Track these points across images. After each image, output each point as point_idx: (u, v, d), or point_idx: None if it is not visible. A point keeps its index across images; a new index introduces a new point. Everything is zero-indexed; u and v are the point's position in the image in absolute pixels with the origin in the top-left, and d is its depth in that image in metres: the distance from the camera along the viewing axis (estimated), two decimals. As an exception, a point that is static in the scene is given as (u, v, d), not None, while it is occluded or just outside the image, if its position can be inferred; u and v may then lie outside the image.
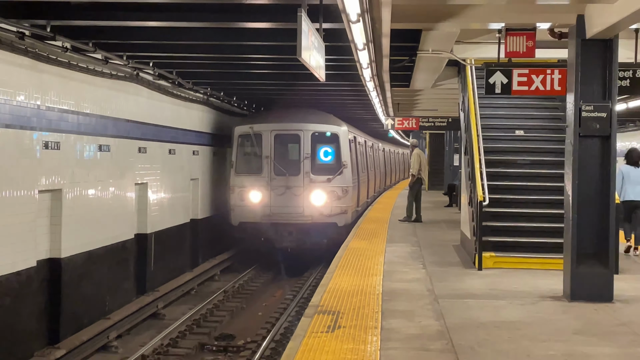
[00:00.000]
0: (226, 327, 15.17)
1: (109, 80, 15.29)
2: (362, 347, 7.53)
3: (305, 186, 20.76)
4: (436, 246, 16.02)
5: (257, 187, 20.80)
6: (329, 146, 21.40)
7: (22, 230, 11.87)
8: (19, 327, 11.87)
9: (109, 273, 15.27)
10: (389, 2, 8.23)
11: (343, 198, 20.85)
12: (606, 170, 10.22)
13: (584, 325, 8.75)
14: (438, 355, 7.39)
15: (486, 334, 8.25)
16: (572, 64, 10.29)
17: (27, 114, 11.99)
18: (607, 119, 10.07)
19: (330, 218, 20.55)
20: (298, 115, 22.14)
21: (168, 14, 11.37)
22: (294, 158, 21.37)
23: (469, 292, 10.81)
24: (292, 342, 7.81)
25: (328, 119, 22.56)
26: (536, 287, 11.14)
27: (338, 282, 11.22)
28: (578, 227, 10.14)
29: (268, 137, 21.05)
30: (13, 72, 11.52)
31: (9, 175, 11.42)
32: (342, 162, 21.28)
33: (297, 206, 20.76)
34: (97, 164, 14.77)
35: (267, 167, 20.91)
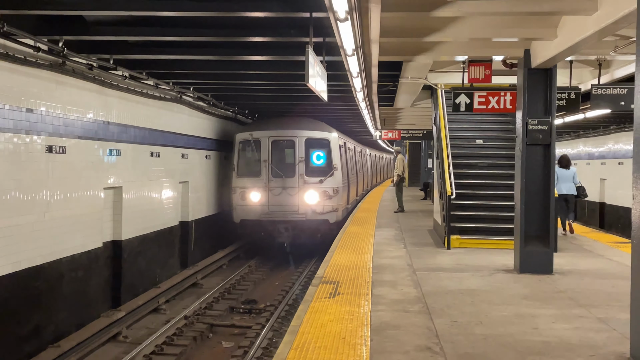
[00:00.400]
0: (250, 294, 15.17)
1: (159, 101, 15.37)
2: (356, 310, 7.58)
3: (300, 187, 18.75)
4: (414, 231, 16.02)
5: (256, 188, 18.86)
6: (321, 151, 19.23)
7: (92, 219, 11.96)
8: (90, 294, 11.95)
9: (159, 252, 15.33)
10: (377, 40, 8.27)
11: (334, 197, 18.74)
12: (547, 171, 10.25)
13: (530, 292, 8.78)
14: (416, 315, 7.43)
15: (453, 299, 8.30)
16: (521, 88, 10.32)
17: (95, 128, 12.05)
18: (547, 131, 10.09)
19: (323, 215, 18.60)
20: (293, 123, 20.05)
21: (205, 49, 11.43)
22: (290, 162, 19.36)
23: (440, 266, 10.83)
24: (302, 305, 7.86)
25: (320, 127, 20.22)
26: (492, 262, 11.17)
27: (337, 259, 11.26)
28: (525, 215, 10.17)
29: (266, 142, 19.08)
30: (84, 95, 11.60)
31: (82, 176, 11.50)
32: (333, 165, 19.15)
33: (292, 205, 18.82)
34: (149, 167, 14.81)
35: (265, 169, 18.95)
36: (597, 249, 13.07)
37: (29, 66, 9.75)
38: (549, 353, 6.06)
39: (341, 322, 6.97)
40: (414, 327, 6.89)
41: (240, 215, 19.21)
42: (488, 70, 11.72)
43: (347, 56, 8.40)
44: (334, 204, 18.95)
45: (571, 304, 8.06)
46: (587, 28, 7.86)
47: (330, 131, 20.01)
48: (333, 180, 19.16)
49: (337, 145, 19.77)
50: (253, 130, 19.63)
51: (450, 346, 6.24)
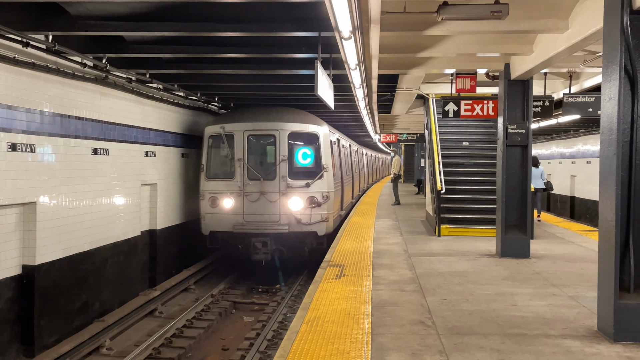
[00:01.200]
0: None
1: (189, 110, 15.40)
2: (359, 289, 7.58)
3: (282, 192, 13.34)
4: (409, 221, 16.00)
5: (228, 193, 13.40)
6: (307, 148, 13.68)
7: (132, 210, 12.00)
8: (129, 276, 11.98)
9: (189, 239, 15.13)
10: (377, 55, 8.27)
11: (323, 204, 13.35)
12: (524, 169, 10.23)
13: (510, 274, 8.76)
14: (411, 293, 7.43)
15: (443, 280, 8.28)
16: (502, 97, 10.29)
17: (134, 133, 12.08)
18: (525, 134, 10.07)
19: (309, 227, 13.29)
20: (273, 114, 14.17)
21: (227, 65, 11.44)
22: (270, 161, 13.79)
23: (431, 251, 10.82)
24: (312, 285, 7.85)
25: (306, 118, 14.36)
26: (477, 248, 11.14)
27: (343, 245, 11.26)
28: (505, 207, 10.15)
29: (241, 137, 13.50)
30: (124, 104, 11.63)
31: (123, 174, 11.54)
32: (322, 165, 13.58)
33: (272, 214, 13.35)
34: (179, 166, 14.83)
35: (239, 171, 13.46)
36: (568, 237, 13.03)
37: (77, 80, 9.81)
38: (526, 326, 6.04)
39: (346, 300, 6.98)
40: (409, 304, 6.88)
41: (210, 225, 13.67)
42: (473, 81, 11.75)
43: (350, 70, 8.40)
44: (324, 213, 13.55)
45: (546, 284, 8.03)
46: (560, 44, 7.84)
47: (319, 124, 14.32)
48: (322, 184, 13.60)
49: (328, 142, 14.19)
50: (225, 123, 13.93)
51: (441, 320, 6.23)
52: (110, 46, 9.92)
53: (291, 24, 8.11)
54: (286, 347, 5.30)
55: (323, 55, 8.68)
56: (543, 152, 34.87)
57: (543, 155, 34.63)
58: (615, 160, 5.49)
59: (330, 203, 13.81)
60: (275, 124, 13.84)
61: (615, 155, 5.48)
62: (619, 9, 5.42)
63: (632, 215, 5.49)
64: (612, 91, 5.56)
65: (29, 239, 8.86)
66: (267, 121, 13.94)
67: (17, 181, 8.35)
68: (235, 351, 9.37)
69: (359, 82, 9.75)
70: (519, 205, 10.18)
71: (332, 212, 14.07)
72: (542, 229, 14.23)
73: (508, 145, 10.11)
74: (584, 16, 7.04)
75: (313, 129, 14.01)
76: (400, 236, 12.82)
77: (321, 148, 13.91)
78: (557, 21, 7.55)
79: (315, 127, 14.08)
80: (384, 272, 8.70)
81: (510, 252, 10.08)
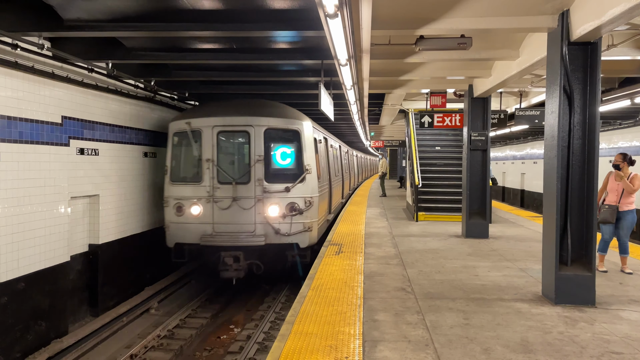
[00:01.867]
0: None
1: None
2: (354, 263, 7.58)
3: (257, 197, 9.16)
4: (393, 209, 15.96)
5: (196, 200, 9.27)
6: (287, 146, 9.64)
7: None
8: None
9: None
10: (367, 78, 8.25)
11: (306, 211, 9.28)
12: (484, 168, 10.19)
13: (473, 251, 8.75)
14: (395, 266, 7.43)
15: (420, 255, 8.28)
16: (467, 111, 10.25)
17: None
18: (485, 140, 10.04)
19: (290, 238, 9.25)
20: (247, 108, 9.86)
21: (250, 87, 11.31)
22: (244, 162, 9.48)
23: (410, 233, 10.79)
24: (317, 260, 7.84)
25: (286, 112, 10.02)
26: (447, 230, 11.12)
27: (341, 228, 11.25)
28: (469, 198, 10.13)
29: (210, 134, 9.38)
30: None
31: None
32: (304, 167, 9.50)
33: (246, 223, 9.20)
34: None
35: (208, 173, 9.34)
36: (519, 221, 12.99)
37: (131, 98, 9.80)
38: (485, 292, 6.04)
39: (344, 271, 6.98)
40: (393, 275, 6.88)
41: (175, 236, 9.41)
42: (444, 98, 11.71)
43: (347, 90, 8.38)
44: (307, 221, 9.36)
45: (501, 259, 8.02)
46: (512, 69, 7.81)
47: (300, 119, 9.89)
48: (305, 188, 9.42)
49: (312, 140, 9.90)
50: (191, 118, 9.63)
51: (418, 287, 6.24)
52: (157, 72, 9.89)
53: (300, 54, 8.11)
54: (296, 309, 5.31)
55: (325, 78, 8.68)
56: (499, 154, 34.76)
57: (499, 157, 34.50)
58: (556, 161, 5.49)
59: (314, 209, 9.40)
60: (250, 118, 9.35)
61: (556, 157, 5.48)
62: (559, 41, 5.42)
63: (569, 205, 5.49)
64: (553, 106, 5.55)
65: (93, 224, 8.82)
66: (240, 115, 9.40)
67: (85, 178, 8.34)
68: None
69: (353, 99, 9.73)
70: (480, 197, 10.16)
71: (317, 219, 9.59)
72: (497, 215, 14.20)
73: (471, 149, 10.08)
74: (531, 47, 7.02)
75: (293, 124, 9.52)
76: (386, 221, 12.79)
77: (303, 146, 9.45)
78: (510, 51, 7.53)
79: (297, 122, 9.55)
80: (374, 250, 8.70)
81: (473, 233, 10.07)
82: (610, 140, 18.07)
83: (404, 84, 10.70)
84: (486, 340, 4.49)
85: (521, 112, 11.89)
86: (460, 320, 5.02)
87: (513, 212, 15.36)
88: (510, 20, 5.73)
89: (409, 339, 4.50)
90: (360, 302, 5.52)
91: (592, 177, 5.45)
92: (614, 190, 7.07)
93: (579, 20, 5.21)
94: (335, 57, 5.99)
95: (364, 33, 5.46)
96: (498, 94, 12.99)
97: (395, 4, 5.69)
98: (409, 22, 5.88)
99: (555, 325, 4.90)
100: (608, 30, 5.07)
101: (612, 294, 5.99)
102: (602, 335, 4.64)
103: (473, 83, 9.95)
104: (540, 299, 5.76)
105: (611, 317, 5.13)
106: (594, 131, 5.41)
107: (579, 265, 5.54)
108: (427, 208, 13.16)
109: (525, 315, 5.17)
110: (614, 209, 6.97)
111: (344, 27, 4.67)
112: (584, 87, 5.42)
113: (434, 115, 12.03)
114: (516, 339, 4.53)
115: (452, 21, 5.81)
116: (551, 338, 4.55)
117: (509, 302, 5.62)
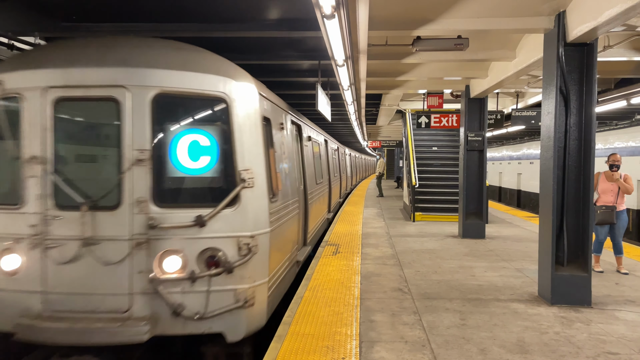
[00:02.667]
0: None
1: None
2: (351, 263, 7.58)
3: (136, 239, 3.69)
4: (390, 209, 15.96)
5: (9, 242, 3.70)
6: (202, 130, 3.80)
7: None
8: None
9: None
10: (365, 79, 8.26)
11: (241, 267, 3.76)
12: (481, 169, 10.20)
13: (470, 251, 8.75)
14: (392, 266, 7.42)
15: (417, 255, 8.27)
16: (463, 111, 10.27)
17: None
18: (482, 141, 10.05)
19: (204, 324, 3.72)
20: (118, 51, 3.81)
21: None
22: (108, 163, 3.75)
23: (407, 233, 10.78)
24: (314, 261, 7.81)
25: (198, 61, 3.95)
26: (443, 230, 11.11)
27: (338, 229, 11.23)
28: (466, 198, 10.14)
29: (37, 105, 3.68)
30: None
31: None
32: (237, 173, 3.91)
33: (112, 294, 3.66)
34: None
35: (35, 187, 3.73)
36: (515, 221, 13.02)
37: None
38: (482, 292, 6.04)
39: (340, 272, 6.96)
40: (390, 275, 6.88)
41: None
42: (440, 99, 11.74)
43: (344, 90, 8.39)
44: (242, 286, 4.03)
45: (497, 259, 8.03)
46: (509, 70, 7.82)
47: (233, 76, 4.21)
48: (240, 217, 4.02)
49: (258, 119, 4.32)
50: (5, 71, 4.00)
51: (415, 287, 6.23)
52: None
53: (299, 54, 8.10)
54: (293, 309, 5.30)
55: (322, 78, 8.69)
56: (496, 155, 34.86)
57: (495, 158, 34.59)
58: (552, 162, 5.50)
59: (262, 259, 4.34)
60: (121, 71, 4.03)
61: (553, 158, 5.49)
62: (555, 42, 5.43)
63: (565, 205, 5.50)
64: (550, 107, 5.56)
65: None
66: (102, 65, 4.05)
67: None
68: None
69: (350, 100, 9.73)
70: (477, 197, 10.17)
71: (266, 280, 4.41)
72: (493, 215, 14.23)
73: (468, 149, 10.10)
74: (528, 48, 7.03)
75: (214, 85, 4.19)
76: (384, 221, 12.77)
77: (236, 132, 4.22)
78: (506, 52, 7.54)
79: (220, 80, 4.22)
80: (370, 250, 8.68)
81: (470, 233, 10.08)
82: (607, 140, 18.14)
83: (401, 85, 10.70)
84: (483, 340, 4.49)
85: (518, 113, 11.92)
86: (457, 320, 5.02)
87: (509, 212, 15.39)
88: (507, 21, 5.74)
89: (406, 339, 4.49)
90: (357, 303, 5.52)
91: (588, 177, 5.46)
92: (608, 191, 7.08)
93: (575, 21, 5.22)
94: (332, 57, 5.99)
95: (361, 34, 5.46)
96: (494, 95, 13.04)
97: (392, 4, 5.69)
98: (405, 22, 5.88)
99: (552, 325, 4.91)
100: (604, 31, 5.09)
101: (608, 294, 6.01)
102: (598, 335, 4.65)
103: (470, 84, 9.96)
104: (537, 299, 5.77)
105: (607, 318, 5.14)
106: (590, 132, 5.42)
107: (575, 266, 5.55)
108: (424, 208, 13.16)
109: (521, 316, 5.17)
110: (612, 210, 6.99)
111: (341, 28, 4.67)
112: (580, 88, 5.44)
113: (431, 115, 12.04)
114: (512, 339, 4.53)
115: (449, 22, 5.82)
116: (547, 338, 4.56)
117: (505, 303, 5.62)
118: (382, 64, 8.68)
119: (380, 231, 11.01)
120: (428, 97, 11.71)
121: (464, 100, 10.15)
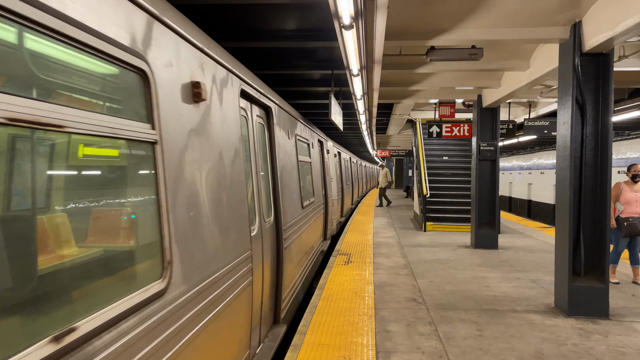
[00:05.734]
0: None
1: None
2: (363, 273, 7.58)
3: None
4: (401, 219, 15.94)
5: None
6: None
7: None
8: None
9: None
10: (377, 88, 8.29)
11: None
12: (493, 178, 10.17)
13: (483, 261, 8.72)
14: (404, 276, 7.42)
15: (429, 265, 8.26)
16: (475, 121, 10.27)
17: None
18: (494, 151, 10.04)
19: None
20: None
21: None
22: None
23: (419, 243, 10.77)
24: (326, 270, 7.84)
25: None
26: (456, 240, 11.08)
27: (349, 238, 11.25)
28: (478, 208, 10.11)
29: None
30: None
31: None
32: None
33: None
34: None
35: None
36: (528, 232, 12.93)
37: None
38: (497, 303, 6.01)
39: (354, 281, 6.97)
40: (404, 285, 6.87)
41: None
42: (452, 109, 11.74)
43: (357, 100, 8.41)
44: None
45: (511, 270, 7.99)
46: (522, 80, 7.83)
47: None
48: None
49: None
50: None
51: (429, 298, 6.22)
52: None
53: (313, 64, 8.17)
54: (308, 319, 5.30)
55: (335, 88, 8.74)
56: (506, 165, 34.70)
57: (506, 168, 34.43)
58: (569, 172, 5.48)
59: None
60: None
61: (569, 168, 5.48)
62: (571, 52, 5.44)
63: (582, 216, 5.48)
64: (565, 117, 5.56)
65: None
66: None
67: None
68: None
69: (362, 109, 9.76)
70: (489, 207, 10.14)
71: None
72: (505, 225, 14.14)
73: (480, 159, 10.09)
74: (542, 58, 7.05)
75: None
76: (394, 231, 12.77)
77: None
78: (520, 62, 7.56)
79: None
80: (383, 260, 8.69)
81: (483, 244, 10.04)
82: (619, 150, 18.01)
83: (412, 94, 10.74)
84: (500, 352, 4.46)
85: (530, 123, 11.90)
86: (474, 331, 4.99)
87: (521, 223, 15.28)
88: (523, 32, 5.77)
89: (423, 350, 4.48)
90: (371, 313, 5.51)
91: (605, 188, 5.44)
92: (633, 201, 6.97)
93: (591, 32, 5.24)
94: (347, 67, 6.03)
95: (377, 44, 5.51)
96: (506, 104, 13.02)
97: (407, 15, 5.74)
98: (420, 33, 5.93)
99: (570, 337, 4.86)
100: (621, 41, 5.09)
101: (625, 305, 5.95)
102: (617, 347, 4.60)
103: (482, 93, 9.98)
104: (553, 310, 5.72)
105: (625, 329, 5.09)
106: (607, 142, 5.41)
107: (592, 277, 5.51)
108: (435, 218, 13.13)
109: (538, 327, 5.13)
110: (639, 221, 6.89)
111: (359, 38, 4.72)
112: (596, 98, 5.44)
113: (442, 125, 12.05)
114: (530, 350, 4.50)
115: (464, 32, 5.86)
116: (566, 350, 4.52)
117: (521, 314, 5.59)
118: (395, 73, 8.73)
119: (392, 241, 11.00)
120: (440, 107, 11.73)
121: (476, 110, 10.16)
